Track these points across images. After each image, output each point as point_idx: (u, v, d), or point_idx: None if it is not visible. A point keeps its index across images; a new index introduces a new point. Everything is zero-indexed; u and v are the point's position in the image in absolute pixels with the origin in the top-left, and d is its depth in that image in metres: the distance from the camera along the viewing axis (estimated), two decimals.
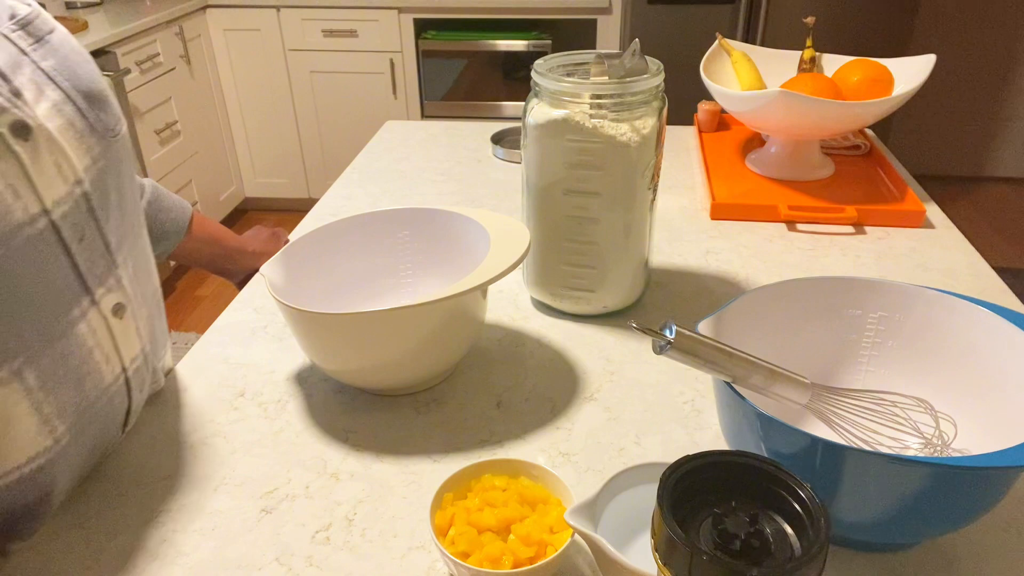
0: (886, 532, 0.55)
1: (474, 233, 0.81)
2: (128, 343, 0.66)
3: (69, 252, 0.58)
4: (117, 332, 0.64)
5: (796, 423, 0.66)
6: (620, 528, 0.58)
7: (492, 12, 2.76)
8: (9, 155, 0.52)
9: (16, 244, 0.53)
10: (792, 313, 0.69)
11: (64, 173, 0.57)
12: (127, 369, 0.66)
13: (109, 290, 0.62)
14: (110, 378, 0.64)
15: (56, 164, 0.56)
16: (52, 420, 0.58)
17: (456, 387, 0.78)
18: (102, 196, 0.61)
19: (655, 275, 0.99)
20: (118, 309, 0.64)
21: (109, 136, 0.63)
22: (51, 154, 0.56)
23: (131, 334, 0.66)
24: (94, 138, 0.61)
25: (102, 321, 0.62)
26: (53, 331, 0.57)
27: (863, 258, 1.02)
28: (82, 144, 0.59)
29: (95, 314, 0.61)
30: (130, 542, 0.61)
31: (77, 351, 0.60)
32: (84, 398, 0.61)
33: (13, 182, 0.53)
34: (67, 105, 0.59)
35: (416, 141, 1.45)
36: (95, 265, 0.61)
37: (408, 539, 0.61)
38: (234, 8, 2.84)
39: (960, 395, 0.65)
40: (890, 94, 1.18)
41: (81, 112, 0.60)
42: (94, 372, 0.62)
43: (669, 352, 0.53)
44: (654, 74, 0.78)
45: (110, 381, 0.64)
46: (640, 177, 0.81)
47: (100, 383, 0.63)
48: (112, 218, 0.63)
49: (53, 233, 0.56)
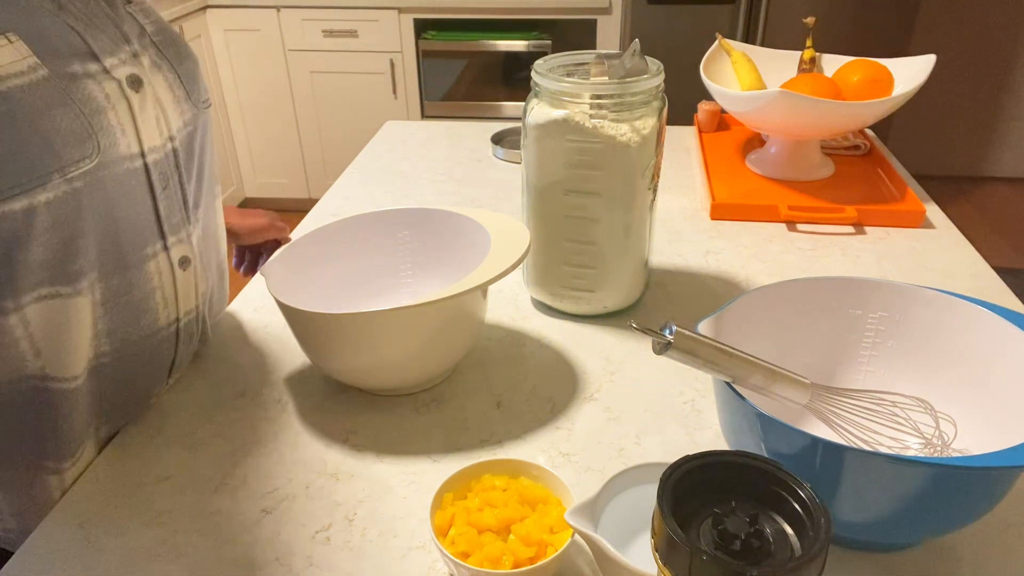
0: (886, 532, 0.55)
1: (474, 233, 0.81)
2: (187, 296, 0.74)
3: (154, 195, 0.68)
4: (180, 282, 0.73)
5: (796, 423, 0.66)
6: (620, 528, 0.58)
7: (492, 12, 2.76)
8: (123, 100, 0.64)
9: (116, 172, 0.63)
10: (792, 313, 0.69)
11: (161, 127, 0.68)
12: (180, 320, 0.74)
13: (180, 241, 0.72)
14: (164, 322, 0.72)
15: (156, 117, 0.67)
16: (101, 337, 0.67)
17: (456, 387, 0.78)
18: (187, 157, 0.72)
19: (655, 275, 0.99)
20: (184, 262, 0.73)
21: (201, 106, 0.75)
22: (154, 108, 0.67)
23: (191, 289, 0.75)
24: (188, 104, 0.73)
25: (169, 268, 0.71)
26: (128, 259, 0.67)
27: (863, 258, 1.02)
28: (178, 107, 0.71)
29: (164, 259, 0.70)
30: (130, 542, 0.61)
31: (143, 286, 0.69)
32: (137, 331, 0.70)
33: (123, 122, 0.64)
34: (171, 73, 0.71)
35: (416, 141, 1.45)
36: (172, 214, 0.70)
37: (408, 539, 0.61)
38: (234, 8, 2.84)
39: (960, 395, 0.65)
40: (890, 94, 1.18)
41: (181, 81, 0.72)
42: (151, 311, 0.70)
43: (669, 352, 0.53)
44: (654, 74, 0.78)
45: (163, 325, 0.72)
46: (640, 177, 0.81)
47: (155, 323, 0.71)
48: (192, 179, 0.73)
49: (144, 174, 0.66)
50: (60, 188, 0.59)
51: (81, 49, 0.62)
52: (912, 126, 3.40)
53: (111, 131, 0.62)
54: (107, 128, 0.62)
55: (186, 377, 0.80)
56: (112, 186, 0.63)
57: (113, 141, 0.63)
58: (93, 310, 0.65)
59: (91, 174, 0.61)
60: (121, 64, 0.64)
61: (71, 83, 0.60)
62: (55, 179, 0.58)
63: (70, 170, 0.59)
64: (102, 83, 0.62)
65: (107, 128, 0.62)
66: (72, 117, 0.59)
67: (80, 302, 0.64)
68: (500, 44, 2.84)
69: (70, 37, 0.61)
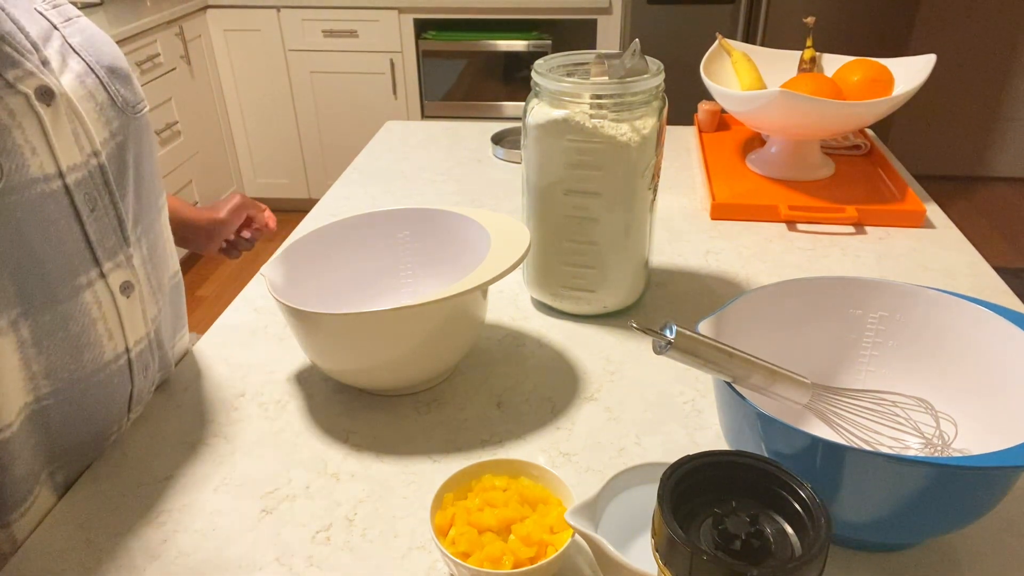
0: (886, 532, 0.55)
1: (474, 233, 0.80)
2: (134, 324, 0.68)
3: (80, 220, 0.61)
4: (124, 311, 0.66)
5: (796, 423, 0.66)
6: (620, 528, 0.58)
7: (492, 12, 2.76)
8: (31, 115, 0.57)
9: (28, 197, 0.56)
10: (792, 313, 0.69)
11: (81, 142, 0.61)
12: (130, 350, 0.68)
13: (118, 266, 0.65)
14: (111, 355, 0.66)
15: (74, 132, 0.60)
16: (38, 379, 0.61)
17: (456, 387, 0.78)
18: (119, 171, 0.65)
19: (655, 275, 0.99)
20: (126, 288, 0.66)
21: (130, 112, 0.67)
22: (71, 122, 0.60)
23: (138, 316, 0.68)
24: (114, 111, 0.65)
25: (109, 296, 0.64)
26: (57, 292, 0.60)
27: (863, 258, 1.02)
28: (102, 117, 0.63)
29: (102, 287, 0.64)
30: (131, 542, 0.61)
31: (79, 319, 0.62)
32: (80, 368, 0.63)
33: (32, 140, 0.57)
34: (89, 77, 0.63)
35: (416, 141, 1.45)
36: (106, 238, 0.64)
37: (408, 539, 0.61)
38: (234, 8, 2.84)
39: (960, 395, 0.65)
40: (890, 94, 1.18)
41: (103, 84, 0.64)
42: (94, 344, 0.64)
43: (669, 352, 0.53)
44: (654, 74, 0.78)
45: (111, 358, 0.66)
46: (640, 177, 0.81)
47: (100, 358, 0.65)
48: (128, 195, 0.66)
49: (66, 196, 0.60)
50: None
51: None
52: (912, 126, 3.39)
53: (17, 152, 0.55)
54: (12, 149, 0.55)
55: (186, 377, 0.80)
56: (25, 213, 0.56)
57: (22, 163, 0.56)
58: (22, 351, 0.59)
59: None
60: (27, 76, 0.57)
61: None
62: None
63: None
64: (5, 98, 0.55)
65: (12, 149, 0.55)
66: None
67: (2, 344, 0.57)
68: (500, 44, 2.84)
69: None
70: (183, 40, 2.73)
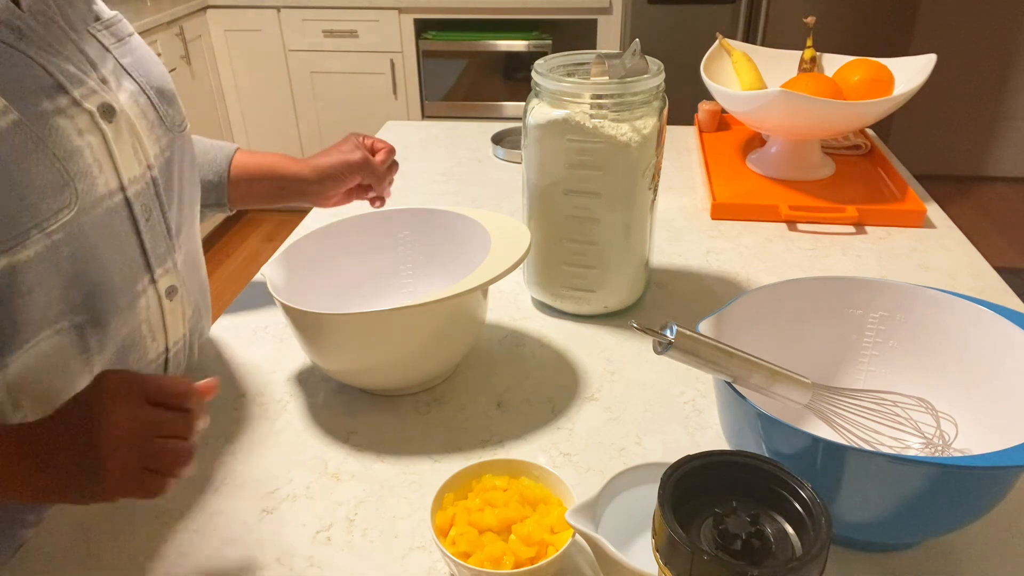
0: (887, 532, 0.55)
1: (475, 233, 0.80)
2: (175, 325, 0.72)
3: (138, 229, 0.65)
4: (167, 313, 0.70)
5: (797, 423, 0.66)
6: (621, 528, 0.58)
7: (492, 12, 2.76)
8: (96, 132, 0.60)
9: (97, 214, 0.60)
10: (793, 313, 0.69)
11: (139, 156, 0.64)
12: (169, 350, 0.72)
13: (167, 271, 0.69)
14: (153, 355, 0.70)
15: (133, 146, 0.64)
16: None
17: (457, 387, 0.78)
18: (167, 183, 0.69)
19: (656, 275, 0.99)
20: (171, 291, 0.70)
21: (176, 130, 0.71)
22: (130, 136, 0.63)
23: (178, 317, 0.72)
24: (162, 130, 0.68)
25: (156, 300, 0.68)
26: (121, 302, 0.63)
27: (864, 258, 1.02)
28: (153, 133, 0.67)
29: (152, 292, 0.67)
30: (131, 542, 0.61)
31: (132, 323, 0.65)
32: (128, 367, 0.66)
33: (99, 157, 0.60)
34: (141, 97, 0.66)
35: (417, 141, 1.45)
36: (158, 245, 0.67)
37: (409, 539, 0.61)
38: (234, 9, 2.84)
39: (961, 395, 0.65)
40: (890, 94, 1.18)
41: (153, 104, 0.68)
42: (139, 346, 0.67)
43: (670, 352, 0.53)
44: (655, 74, 0.78)
45: (152, 358, 0.70)
46: (641, 177, 0.81)
47: (143, 358, 0.68)
48: (174, 206, 0.70)
49: (126, 208, 0.63)
50: (40, 243, 0.55)
51: (47, 82, 0.57)
52: (913, 126, 3.39)
53: (88, 173, 0.59)
54: (84, 171, 0.58)
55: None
56: (94, 230, 0.59)
57: (91, 183, 0.59)
58: (87, 359, 0.62)
59: (72, 223, 0.57)
60: (91, 93, 0.60)
61: (42, 125, 0.56)
62: (34, 235, 0.55)
63: (48, 224, 0.55)
64: (74, 117, 0.58)
65: (84, 171, 0.58)
66: (47, 165, 0.55)
67: (63, 346, 0.60)
68: (500, 44, 2.84)
69: (33, 70, 0.56)
70: (183, 40, 2.73)
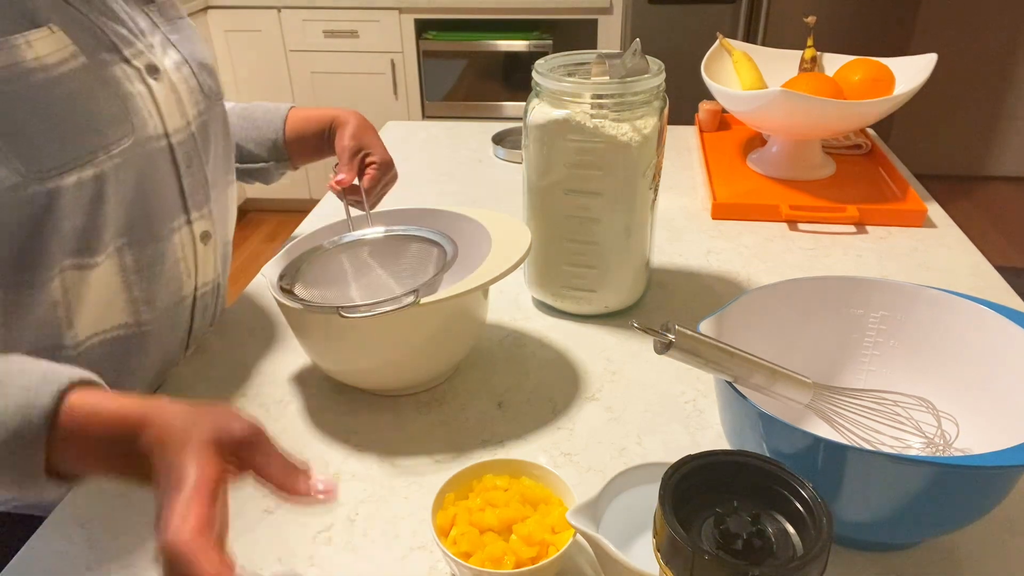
0: (888, 531, 0.55)
1: (475, 233, 0.80)
2: (206, 268, 0.80)
3: (179, 173, 0.74)
4: (200, 255, 0.79)
5: (798, 423, 0.66)
6: (622, 528, 0.58)
7: (493, 12, 2.76)
8: (144, 86, 0.70)
9: (147, 150, 0.70)
10: (794, 313, 0.69)
11: (181, 110, 0.74)
12: (198, 290, 0.80)
13: (203, 216, 0.78)
14: (187, 291, 0.78)
15: (176, 102, 0.73)
16: (139, 304, 0.73)
17: (457, 387, 0.78)
18: (204, 141, 0.78)
19: (656, 275, 0.99)
20: (205, 236, 0.79)
21: (214, 98, 0.80)
22: (172, 93, 0.73)
23: (209, 261, 0.81)
24: (201, 95, 0.78)
25: (191, 241, 0.77)
26: (158, 231, 0.73)
27: (865, 257, 1.02)
28: (192, 97, 0.76)
29: (187, 232, 0.76)
30: (132, 542, 0.61)
31: (171, 255, 0.75)
32: (170, 298, 0.76)
33: (148, 105, 0.70)
34: (184, 67, 0.76)
35: (417, 142, 1.45)
36: (196, 192, 0.76)
37: (410, 539, 0.61)
38: (235, 9, 2.84)
39: (962, 394, 0.65)
40: (891, 93, 1.18)
41: (194, 73, 0.77)
42: (177, 279, 0.76)
43: (671, 352, 0.53)
44: (655, 74, 0.78)
45: (186, 294, 0.78)
46: (641, 177, 0.81)
47: (179, 292, 0.77)
48: (211, 162, 0.79)
49: (169, 153, 0.73)
50: (104, 164, 0.65)
51: (104, 40, 0.67)
52: (913, 125, 3.39)
53: (140, 113, 0.69)
54: (137, 110, 0.68)
55: (188, 378, 0.80)
56: (143, 163, 0.69)
57: (143, 122, 0.69)
58: (125, 277, 0.71)
59: (128, 151, 0.67)
60: (139, 54, 0.70)
61: (104, 70, 0.66)
62: (100, 156, 0.65)
63: (112, 148, 0.66)
64: (126, 70, 0.68)
65: (137, 110, 0.68)
66: (111, 99, 0.66)
67: (110, 268, 0.69)
68: (501, 44, 2.84)
69: (93, 29, 0.67)
70: None
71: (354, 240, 0.83)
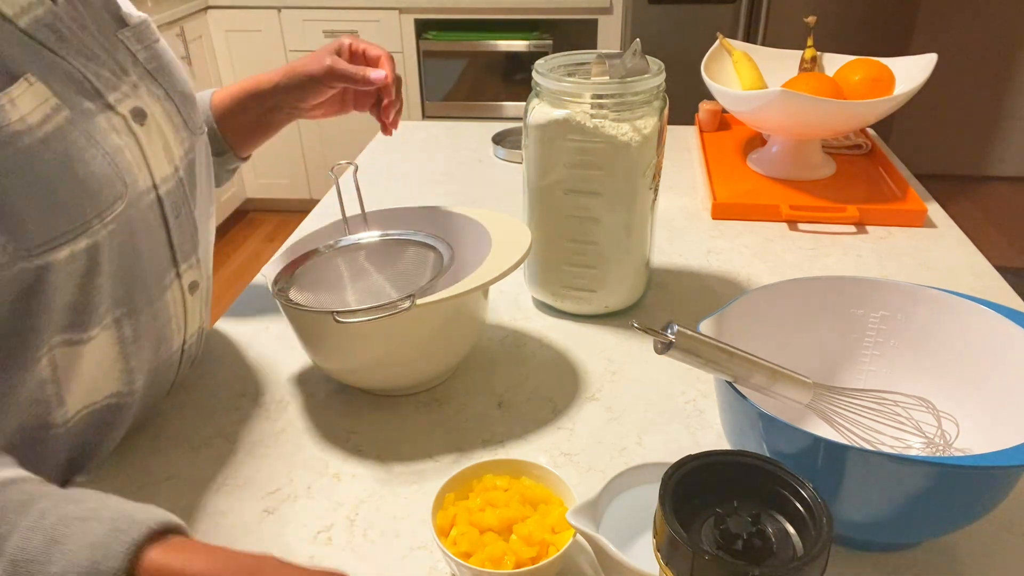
0: (888, 531, 0.55)
1: (475, 233, 0.80)
2: (193, 319, 0.74)
3: (167, 226, 0.67)
4: (189, 307, 0.72)
5: (798, 423, 0.66)
6: (622, 528, 0.57)
7: (493, 12, 2.76)
8: (131, 135, 0.62)
9: (138, 209, 0.62)
10: (794, 313, 0.69)
11: (168, 156, 0.67)
12: (187, 342, 0.74)
13: (190, 267, 0.71)
14: (175, 347, 0.72)
15: (163, 147, 0.66)
16: (134, 373, 0.66)
17: (458, 387, 0.78)
18: (191, 183, 0.71)
19: (656, 275, 0.99)
20: (193, 286, 0.72)
21: (197, 132, 0.72)
22: (159, 137, 0.66)
23: (196, 311, 0.74)
24: (186, 132, 0.70)
25: (180, 295, 0.70)
26: (152, 293, 0.66)
27: (865, 257, 1.02)
28: (178, 136, 0.69)
29: (177, 287, 0.70)
30: None
31: (163, 315, 0.68)
32: (157, 359, 0.69)
33: (135, 156, 0.62)
34: (167, 102, 0.68)
35: (417, 142, 1.45)
36: (184, 242, 0.69)
37: (410, 539, 0.61)
38: (235, 9, 2.84)
39: (962, 394, 0.65)
40: (891, 93, 1.18)
41: (177, 109, 0.69)
42: (168, 339, 0.70)
43: (671, 352, 0.53)
44: (655, 74, 0.78)
45: (175, 350, 0.72)
46: (641, 177, 0.81)
47: (169, 349, 0.71)
48: (197, 205, 0.72)
49: (158, 206, 0.65)
50: (98, 233, 0.58)
51: (85, 86, 0.59)
52: (914, 125, 3.39)
53: (131, 169, 0.61)
54: (128, 166, 0.61)
55: (188, 379, 0.80)
56: (137, 224, 0.62)
57: (133, 178, 0.61)
58: (123, 348, 0.64)
59: (122, 215, 0.60)
60: (124, 98, 0.62)
61: (89, 122, 0.58)
62: (95, 225, 0.57)
63: (107, 214, 0.58)
64: (111, 119, 0.60)
65: (128, 166, 0.61)
66: (100, 158, 0.58)
67: (106, 341, 0.62)
68: (501, 44, 2.84)
69: (73, 74, 0.58)
70: (184, 41, 2.73)
71: (351, 244, 0.83)
